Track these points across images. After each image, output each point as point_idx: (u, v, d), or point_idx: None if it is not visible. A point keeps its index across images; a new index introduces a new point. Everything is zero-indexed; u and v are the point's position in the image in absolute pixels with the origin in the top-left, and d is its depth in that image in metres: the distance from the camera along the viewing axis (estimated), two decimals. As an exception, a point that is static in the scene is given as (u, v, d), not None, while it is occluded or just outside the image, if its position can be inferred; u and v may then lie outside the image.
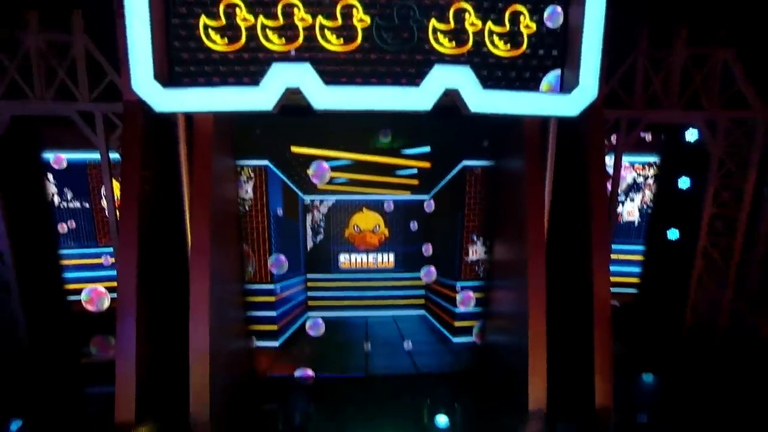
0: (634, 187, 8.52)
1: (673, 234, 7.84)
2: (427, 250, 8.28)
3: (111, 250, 7.30)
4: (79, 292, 6.03)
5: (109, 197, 6.46)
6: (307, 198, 8.21)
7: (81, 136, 6.28)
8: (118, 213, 6.10)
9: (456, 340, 8.44)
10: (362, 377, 7.55)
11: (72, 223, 7.77)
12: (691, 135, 7.25)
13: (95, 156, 6.71)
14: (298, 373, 7.29)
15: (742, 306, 7.10)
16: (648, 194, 8.46)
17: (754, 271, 7.15)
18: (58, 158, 7.27)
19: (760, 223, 7.25)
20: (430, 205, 8.07)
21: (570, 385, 5.88)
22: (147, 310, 5.50)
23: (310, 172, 7.15)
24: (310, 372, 7.26)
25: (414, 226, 8.31)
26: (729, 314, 7.06)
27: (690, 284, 7.32)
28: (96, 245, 7.89)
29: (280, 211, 7.94)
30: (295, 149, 7.65)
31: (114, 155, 6.36)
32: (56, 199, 7.68)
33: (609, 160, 6.85)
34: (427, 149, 7.98)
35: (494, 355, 7.40)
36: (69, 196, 7.77)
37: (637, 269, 8.58)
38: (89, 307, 5.37)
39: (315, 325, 7.50)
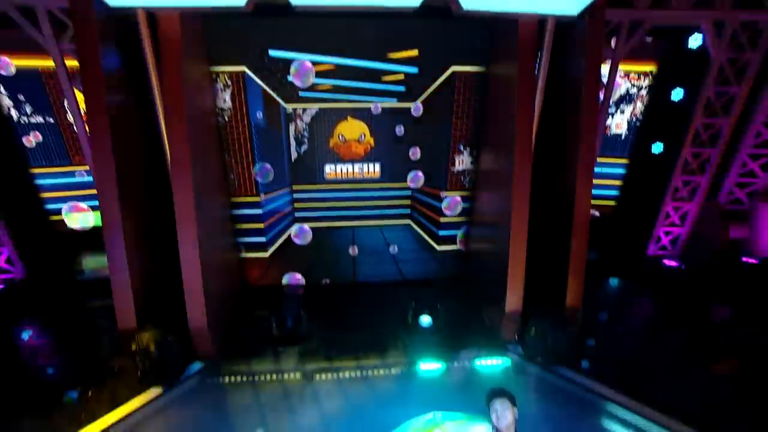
0: (627, 98, 8.22)
1: (657, 147, 7.82)
2: (414, 153, 8.00)
3: (87, 168, 6.97)
4: (59, 212, 5.74)
5: (74, 111, 5.92)
6: (289, 107, 7.73)
7: (30, 39, 5.51)
8: (87, 128, 5.63)
9: (440, 248, 8.78)
10: (350, 284, 7.92)
11: (37, 135, 7.11)
12: (695, 40, 6.81)
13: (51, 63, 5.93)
14: (287, 278, 7.35)
15: (711, 217, 7.40)
16: (639, 106, 8.22)
17: (729, 183, 7.34)
18: (3, 61, 6.09)
19: (744, 135, 7.23)
20: (417, 109, 7.63)
21: (544, 288, 6.31)
22: (133, 225, 5.42)
23: (292, 71, 6.45)
24: (299, 276, 7.30)
25: (400, 130, 7.99)
26: (697, 224, 7.40)
27: (666, 195, 7.53)
28: (70, 164, 7.47)
29: (261, 121, 7.51)
30: (273, 54, 6.97)
31: (73, 63, 5.66)
32: (14, 113, 6.96)
33: (604, 69, 6.47)
34: (414, 53, 7.37)
35: (476, 261, 7.75)
36: (28, 110, 7.03)
37: (618, 182, 8.68)
38: (73, 225, 5.21)
39: (301, 232, 7.27)
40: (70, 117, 6.87)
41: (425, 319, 6.47)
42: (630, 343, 5.88)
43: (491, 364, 5.78)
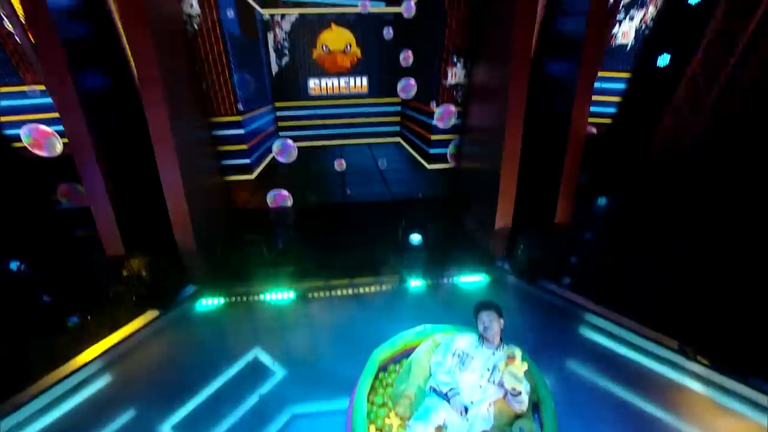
0: (638, 2, 7.37)
1: (663, 60, 7.19)
2: (406, 58, 7.26)
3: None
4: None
5: (11, 15, 5.07)
6: (266, 13, 6.85)
7: None
8: (32, 39, 4.84)
9: (431, 167, 8.52)
10: (339, 204, 7.77)
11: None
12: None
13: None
14: (272, 194, 6.95)
15: (711, 134, 7.12)
16: (651, 11, 7.41)
17: (734, 98, 6.93)
18: None
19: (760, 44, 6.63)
20: (409, 9, 6.77)
21: (534, 206, 6.26)
22: (106, 149, 5.02)
23: None
24: (285, 193, 6.94)
25: (389, 33, 7.24)
26: (696, 142, 7.14)
27: (666, 111, 7.15)
28: (21, 82, 6.58)
29: (235, 29, 6.69)
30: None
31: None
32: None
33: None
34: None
35: (467, 179, 7.59)
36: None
37: (617, 99, 8.17)
38: (38, 152, 4.78)
39: (284, 148, 6.67)
40: (7, 24, 5.85)
41: (415, 238, 6.49)
42: (614, 259, 6.01)
43: (479, 279, 5.93)
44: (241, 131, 7.58)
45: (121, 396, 4.02)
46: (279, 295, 5.47)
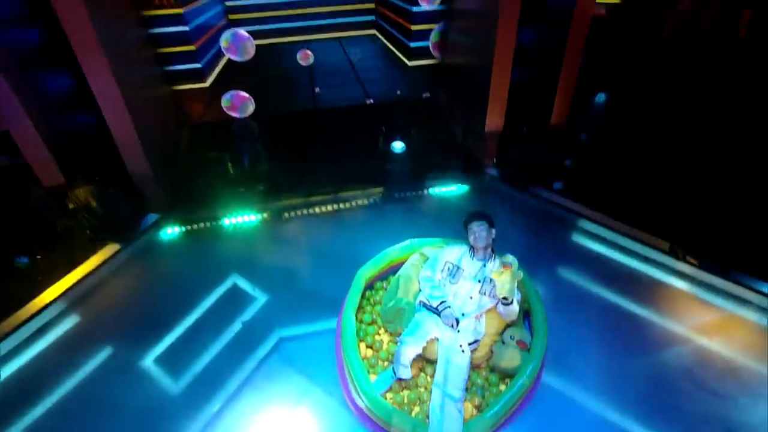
0: None
1: None
2: None
3: None
4: None
5: None
6: None
7: None
8: None
9: (412, 63, 7.91)
10: (310, 111, 7.27)
11: None
12: None
13: None
14: (228, 96, 6.03)
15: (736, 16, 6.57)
16: None
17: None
18: None
19: None
20: None
21: (528, 104, 5.97)
22: (16, 58, 4.37)
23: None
24: (245, 95, 6.03)
25: None
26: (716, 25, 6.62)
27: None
28: None
29: None
30: None
31: None
32: None
33: None
34: None
35: (453, 77, 7.11)
36: None
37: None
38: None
39: (236, 41, 5.29)
40: None
41: (397, 145, 6.25)
42: (610, 160, 5.94)
43: (466, 188, 5.86)
44: (184, 28, 6.73)
45: (92, 336, 4.00)
46: (251, 218, 5.33)
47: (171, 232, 5.20)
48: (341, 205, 5.57)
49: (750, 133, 5.03)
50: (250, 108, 4.91)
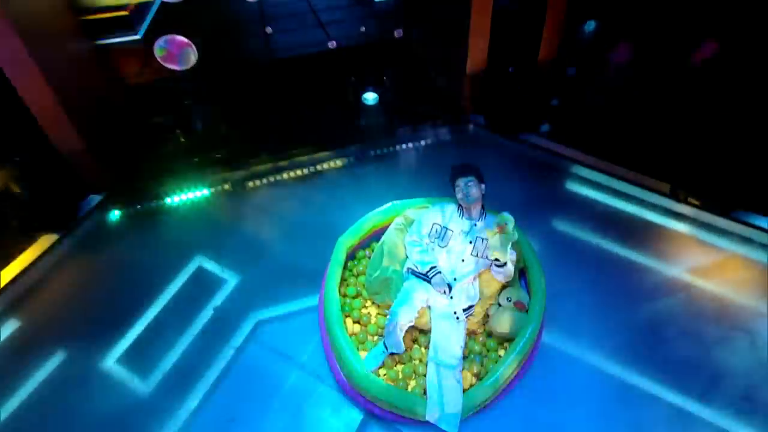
0: None
1: None
2: None
3: None
4: None
5: None
6: None
7: None
8: None
9: (378, -1, 7.45)
10: (264, 62, 6.81)
11: None
12: None
13: None
14: (161, 44, 5.29)
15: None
16: None
17: None
18: None
19: None
20: None
21: (512, 39, 5.73)
22: None
23: None
24: (183, 41, 5.31)
25: None
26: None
27: None
28: None
29: None
30: None
31: None
32: None
33: None
34: None
35: (427, 12, 6.76)
36: None
37: None
38: None
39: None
40: None
41: (369, 96, 6.00)
42: (600, 99, 5.85)
43: (450, 137, 5.70)
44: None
45: (38, 341, 3.74)
46: (210, 190, 5.07)
47: (116, 214, 4.84)
48: (312, 169, 5.32)
49: (754, 62, 4.97)
50: (192, 57, 4.46)
